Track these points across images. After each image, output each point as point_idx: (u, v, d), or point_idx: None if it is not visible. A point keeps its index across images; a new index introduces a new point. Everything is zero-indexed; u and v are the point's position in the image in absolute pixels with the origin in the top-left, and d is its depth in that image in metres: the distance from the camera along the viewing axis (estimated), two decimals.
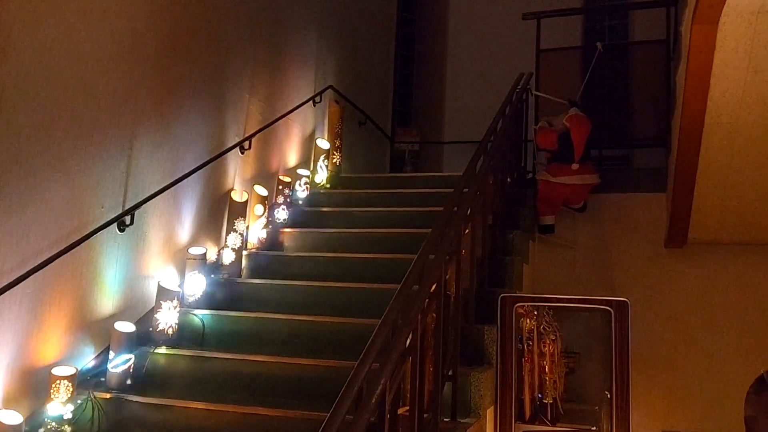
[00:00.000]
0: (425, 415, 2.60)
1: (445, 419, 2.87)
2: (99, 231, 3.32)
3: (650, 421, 4.62)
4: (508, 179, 4.72)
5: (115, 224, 3.44)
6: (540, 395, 3.62)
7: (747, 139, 3.86)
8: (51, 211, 3.09)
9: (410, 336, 2.42)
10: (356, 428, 1.88)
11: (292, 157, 5.24)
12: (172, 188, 3.83)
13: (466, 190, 3.46)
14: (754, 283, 4.70)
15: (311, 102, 5.41)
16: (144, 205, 3.61)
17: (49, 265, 3.00)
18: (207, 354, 3.48)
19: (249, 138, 4.54)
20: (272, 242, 4.61)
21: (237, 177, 4.52)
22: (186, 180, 3.92)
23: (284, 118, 5.02)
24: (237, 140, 4.45)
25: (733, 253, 4.76)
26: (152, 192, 3.67)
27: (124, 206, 3.53)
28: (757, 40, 3.30)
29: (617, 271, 4.99)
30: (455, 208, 3.24)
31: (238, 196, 4.36)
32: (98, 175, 3.38)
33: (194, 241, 4.08)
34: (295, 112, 5.16)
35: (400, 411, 2.41)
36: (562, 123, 4.81)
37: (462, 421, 2.92)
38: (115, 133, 3.48)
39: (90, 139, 3.32)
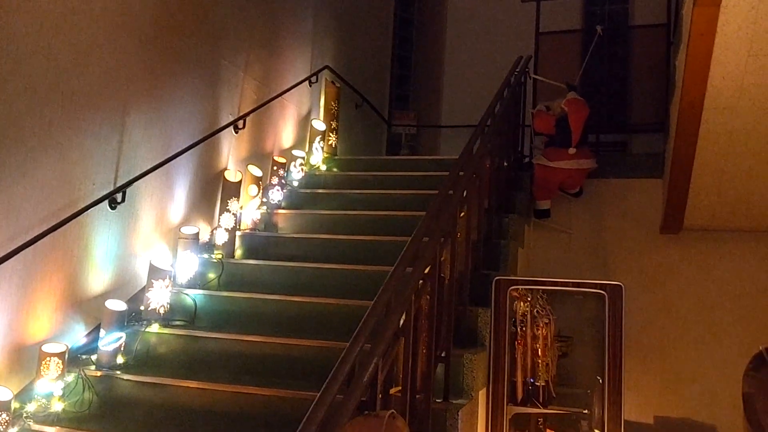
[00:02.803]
0: (417, 396, 2.59)
1: (437, 400, 2.86)
2: (90, 208, 3.28)
3: (643, 406, 4.64)
4: (505, 163, 4.69)
5: (107, 201, 3.40)
6: (532, 378, 3.61)
7: (746, 124, 3.83)
8: (41, 186, 3.05)
9: (403, 316, 2.40)
10: (347, 407, 1.86)
11: (287, 138, 5.19)
12: (165, 166, 3.79)
13: (461, 173, 3.43)
14: (748, 270, 4.70)
15: (307, 82, 5.35)
16: (136, 183, 3.57)
17: (39, 242, 2.96)
18: (199, 333, 3.46)
19: (243, 117, 4.49)
20: (266, 223, 4.58)
21: (231, 157, 4.47)
22: (179, 158, 3.88)
23: (279, 98, 4.97)
24: (231, 119, 4.40)
25: (728, 239, 4.75)
26: (144, 170, 3.63)
27: (115, 183, 3.49)
28: (758, 23, 3.26)
29: (612, 256, 4.98)
30: (450, 192, 3.21)
31: (231, 176, 4.32)
32: (90, 151, 3.33)
33: (187, 220, 4.04)
34: (291, 92, 5.11)
35: (392, 391, 2.39)
36: (560, 107, 4.77)
37: (454, 402, 2.92)
38: (107, 109, 3.43)
39: (82, 114, 3.27)
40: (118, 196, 3.47)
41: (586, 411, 3.67)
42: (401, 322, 2.38)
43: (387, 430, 1.38)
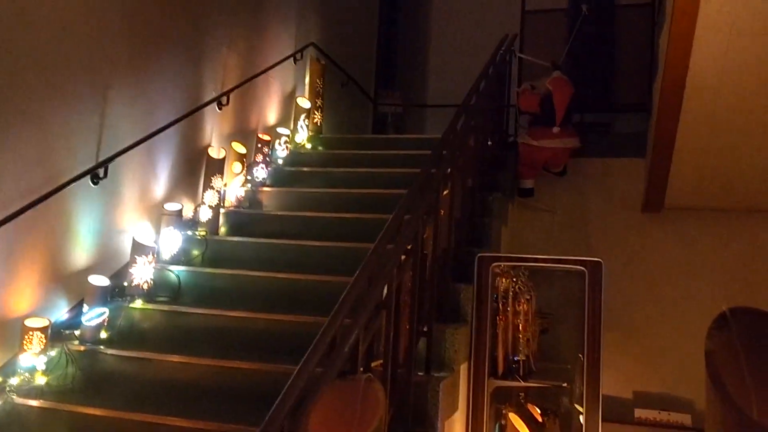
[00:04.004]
0: (399, 370, 2.62)
1: (419, 373, 2.89)
2: (72, 183, 3.26)
3: (623, 382, 4.72)
4: (489, 142, 4.70)
5: (89, 177, 3.38)
6: (513, 353, 3.66)
7: (727, 103, 3.87)
8: (22, 160, 3.02)
9: (385, 289, 2.43)
10: (328, 377, 1.89)
11: (271, 116, 5.17)
12: (148, 142, 3.76)
13: (445, 152, 3.44)
14: (728, 249, 4.77)
15: (292, 59, 5.31)
16: (118, 159, 3.55)
17: (21, 217, 2.94)
18: (183, 309, 3.47)
19: (227, 93, 4.46)
20: (251, 201, 4.57)
21: (214, 133, 4.45)
22: (162, 134, 3.86)
23: (264, 75, 4.93)
24: (215, 95, 4.37)
25: (708, 219, 4.82)
26: (127, 145, 3.60)
27: (97, 158, 3.46)
28: (740, 2, 3.28)
29: (594, 235, 5.03)
30: (433, 169, 3.23)
31: (215, 152, 4.30)
32: (71, 126, 3.30)
33: (170, 197, 4.03)
34: (276, 69, 5.08)
35: (373, 364, 2.42)
36: (545, 86, 4.79)
37: (436, 375, 2.95)
38: (88, 84, 3.40)
39: (63, 88, 3.24)
40: (100, 172, 3.45)
41: (565, 384, 3.74)
42: (383, 295, 2.40)
43: (364, 392, 1.40)
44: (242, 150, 4.51)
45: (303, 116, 5.36)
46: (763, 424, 0.99)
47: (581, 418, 3.63)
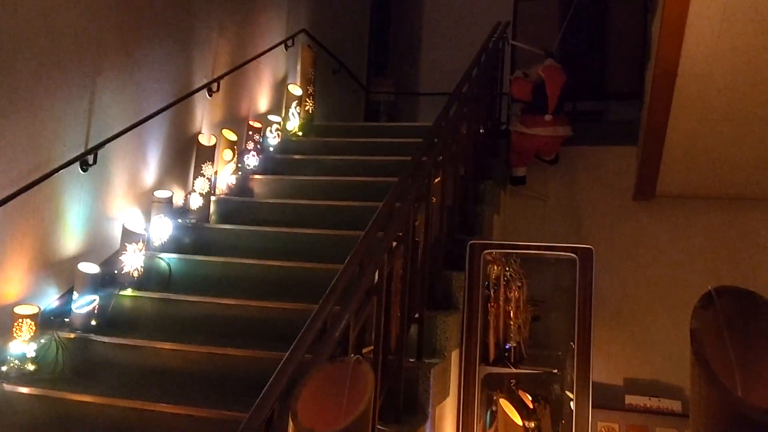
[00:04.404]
0: (390, 357, 2.63)
1: (410, 359, 2.90)
2: (61, 170, 3.24)
3: (613, 368, 4.75)
4: (482, 129, 4.70)
5: (78, 163, 3.35)
6: (504, 340, 3.68)
7: (719, 90, 3.87)
8: (10, 147, 2.99)
9: (376, 275, 2.42)
10: (318, 361, 1.88)
11: (262, 103, 5.14)
12: (137, 129, 3.74)
13: (436, 139, 3.43)
14: (718, 237, 4.79)
15: (283, 46, 5.28)
16: (108, 145, 3.52)
17: (10, 203, 2.92)
18: (174, 297, 3.45)
19: (217, 80, 4.42)
20: (242, 188, 4.55)
21: (205, 120, 4.42)
22: (151, 121, 3.83)
23: (255, 62, 4.90)
24: (205, 82, 4.34)
25: (699, 206, 4.84)
26: (116, 132, 3.58)
27: (87, 145, 3.44)
28: None
29: (586, 223, 5.05)
30: (424, 157, 3.22)
31: (205, 140, 4.27)
32: (60, 112, 3.27)
33: (160, 184, 4.00)
34: (267, 55, 5.04)
35: (364, 350, 2.42)
36: (537, 73, 4.77)
37: (427, 361, 2.96)
38: (77, 70, 3.36)
39: (51, 74, 3.20)
40: (90, 158, 3.42)
41: (556, 371, 3.76)
42: (374, 281, 2.40)
43: (353, 374, 1.40)
44: (233, 137, 4.48)
45: (294, 104, 5.33)
46: (748, 401, 0.99)
47: (572, 405, 3.65)
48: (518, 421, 3.12)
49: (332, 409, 1.36)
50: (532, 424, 3.64)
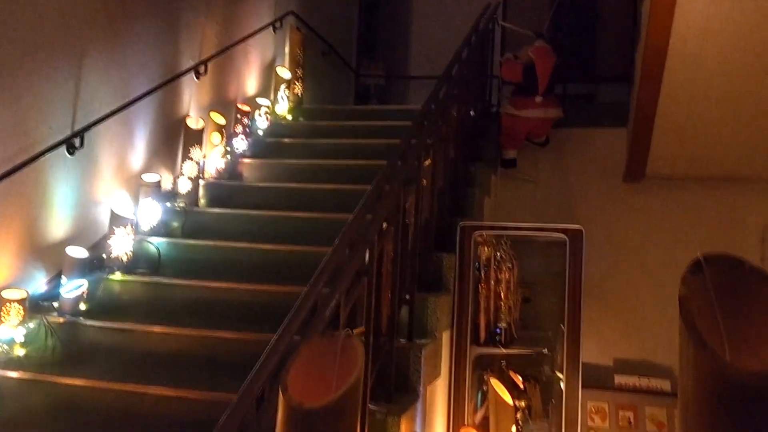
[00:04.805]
0: (382, 338, 2.63)
1: (401, 340, 2.90)
2: (47, 153, 3.20)
3: (603, 349, 4.77)
4: (472, 112, 4.68)
5: (64, 146, 3.32)
6: (496, 321, 3.69)
7: (709, 71, 3.87)
8: None
9: (367, 256, 2.42)
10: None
11: (251, 86, 5.09)
12: (125, 112, 3.70)
13: (426, 121, 3.41)
14: (707, 218, 4.81)
15: (271, 28, 5.22)
16: (94, 128, 3.48)
17: None
18: (164, 280, 3.44)
19: (205, 62, 4.37)
20: (231, 172, 4.52)
21: (192, 103, 4.37)
22: (139, 104, 3.79)
23: (243, 44, 4.85)
24: (192, 64, 4.29)
25: (688, 187, 4.85)
26: (103, 114, 3.54)
27: (73, 128, 3.40)
28: None
29: (576, 205, 5.05)
30: (413, 140, 3.20)
31: (193, 123, 4.24)
32: (45, 94, 3.22)
33: (148, 168, 3.97)
34: (255, 38, 4.99)
35: (356, 331, 2.42)
36: (527, 54, 4.75)
37: (418, 342, 2.97)
38: (62, 52, 3.31)
39: (36, 55, 3.15)
40: (76, 141, 3.38)
41: (546, 351, 3.78)
42: (365, 261, 2.39)
43: (342, 348, 1.40)
44: (221, 121, 4.45)
45: (283, 86, 5.28)
46: (736, 365, 1.00)
47: (562, 385, 3.68)
48: (509, 400, 3.14)
49: (322, 383, 1.36)
50: (523, 404, 3.67)
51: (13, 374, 2.85)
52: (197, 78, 4.36)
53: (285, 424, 1.33)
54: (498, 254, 3.70)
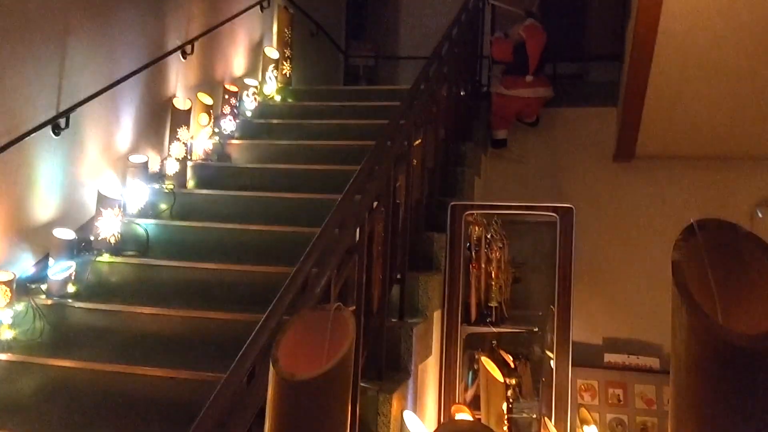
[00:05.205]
0: (373, 317, 2.63)
1: (392, 319, 2.90)
2: (32, 133, 3.15)
3: (593, 327, 4.81)
4: (462, 92, 4.66)
5: (50, 127, 3.26)
6: (486, 301, 3.70)
7: (700, 48, 3.86)
8: None
9: (357, 234, 2.41)
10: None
11: (238, 66, 5.03)
12: (111, 92, 3.64)
13: (415, 102, 3.39)
14: (696, 196, 4.83)
15: (258, 7, 5.15)
16: (80, 109, 3.42)
17: None
18: (153, 262, 3.41)
19: (191, 42, 4.31)
20: (219, 154, 4.48)
21: (179, 84, 4.32)
22: (125, 84, 3.73)
23: (230, 24, 4.78)
24: (179, 44, 4.23)
25: (679, 167, 4.86)
26: (89, 94, 3.48)
27: (58, 109, 3.34)
28: None
29: (567, 185, 5.06)
30: (402, 120, 3.17)
31: (181, 103, 4.18)
32: (29, 75, 3.16)
33: (135, 149, 3.92)
34: (242, 17, 4.92)
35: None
36: (518, 33, 4.73)
37: (409, 321, 2.97)
38: (46, 30, 3.25)
39: (19, 34, 3.09)
40: (62, 122, 3.33)
41: (536, 329, 3.80)
42: (355, 238, 2.38)
43: (333, 320, 1.39)
44: (209, 101, 4.39)
45: (271, 67, 5.23)
46: (728, 327, 1.00)
47: (552, 363, 3.70)
48: (500, 377, 3.15)
49: (313, 355, 1.35)
50: (513, 381, 3.69)
51: (2, 357, 2.83)
52: (184, 58, 4.30)
53: (276, 396, 1.32)
54: (489, 234, 3.70)
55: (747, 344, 0.95)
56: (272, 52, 5.30)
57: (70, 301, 3.12)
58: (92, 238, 3.46)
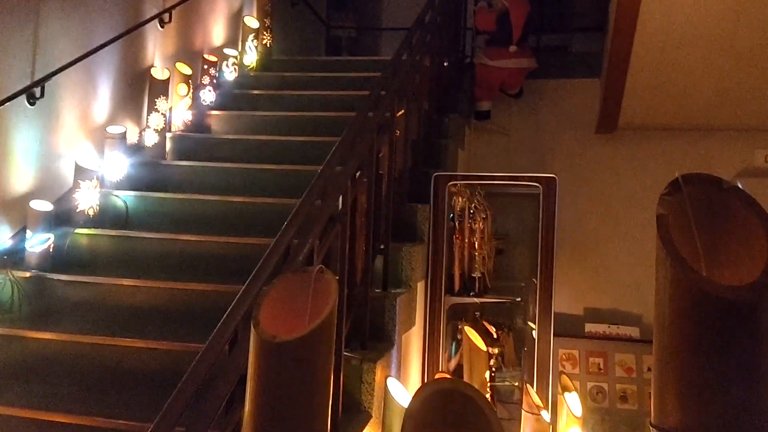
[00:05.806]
0: (357, 288, 2.62)
1: (376, 290, 2.90)
2: (5, 103, 3.06)
3: (574, 298, 4.85)
4: (446, 63, 4.61)
5: (24, 96, 3.18)
6: (470, 271, 3.71)
7: (682, 17, 3.85)
8: None
9: (340, 202, 2.38)
10: None
11: (217, 35, 4.94)
12: (87, 61, 3.55)
13: (397, 72, 3.34)
14: (675, 167, 4.77)
15: None
16: (56, 78, 3.34)
17: None
18: (132, 234, 3.37)
19: (169, 10, 4.21)
20: (198, 125, 4.41)
21: (157, 53, 4.23)
22: (101, 53, 3.63)
23: None
24: (156, 12, 4.13)
25: (661, 138, 4.88)
26: (64, 63, 3.39)
27: (32, 78, 3.25)
28: None
29: (550, 157, 5.06)
30: (383, 91, 3.13)
31: (159, 73, 4.10)
32: (1, 42, 3.07)
33: (113, 120, 3.84)
34: None
35: None
36: (502, 3, 4.68)
37: (393, 291, 2.97)
38: None
39: None
40: (37, 91, 3.24)
41: (519, 299, 3.82)
42: (338, 207, 2.36)
43: (315, 282, 1.38)
44: (187, 71, 4.31)
45: (251, 37, 5.13)
46: (712, 279, 1.00)
47: (534, 333, 3.73)
48: (482, 346, 3.17)
49: (295, 317, 1.34)
50: (496, 350, 3.73)
51: None
52: (161, 27, 4.20)
53: (257, 359, 1.31)
54: (472, 205, 3.70)
55: (731, 295, 0.95)
56: (252, 21, 5.20)
57: (48, 273, 3.08)
58: (70, 210, 3.40)
